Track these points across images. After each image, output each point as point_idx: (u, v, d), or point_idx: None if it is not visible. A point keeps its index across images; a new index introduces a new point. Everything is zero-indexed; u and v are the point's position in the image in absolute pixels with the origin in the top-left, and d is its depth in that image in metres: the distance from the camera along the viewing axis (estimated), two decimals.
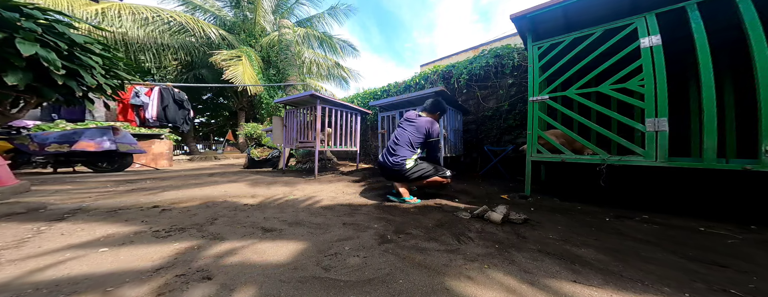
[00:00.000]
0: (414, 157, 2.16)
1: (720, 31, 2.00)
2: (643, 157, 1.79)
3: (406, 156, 2.13)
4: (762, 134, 1.44)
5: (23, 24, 1.82)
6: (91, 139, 4.18)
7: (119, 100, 5.83)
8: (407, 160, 2.12)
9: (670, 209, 1.88)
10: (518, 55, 3.81)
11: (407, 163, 2.11)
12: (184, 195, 2.42)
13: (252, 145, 6.30)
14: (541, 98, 2.28)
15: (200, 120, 18.63)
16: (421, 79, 5.17)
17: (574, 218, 1.67)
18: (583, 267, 1.00)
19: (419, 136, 2.18)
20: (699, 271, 0.97)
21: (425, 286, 0.86)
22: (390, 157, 2.15)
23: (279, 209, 1.89)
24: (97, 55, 2.39)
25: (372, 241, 1.26)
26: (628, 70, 1.88)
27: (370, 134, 6.42)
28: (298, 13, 12.44)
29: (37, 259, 1.04)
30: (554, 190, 2.58)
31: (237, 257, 1.08)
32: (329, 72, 13.33)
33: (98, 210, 1.85)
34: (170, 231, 1.39)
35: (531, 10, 2.21)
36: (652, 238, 1.31)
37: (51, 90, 2.12)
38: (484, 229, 1.43)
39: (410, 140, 2.17)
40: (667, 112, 1.70)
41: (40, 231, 1.39)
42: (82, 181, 3.33)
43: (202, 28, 9.31)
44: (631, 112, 2.41)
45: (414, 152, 2.17)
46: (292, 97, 3.78)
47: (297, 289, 0.84)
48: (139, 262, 1.02)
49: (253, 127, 6.77)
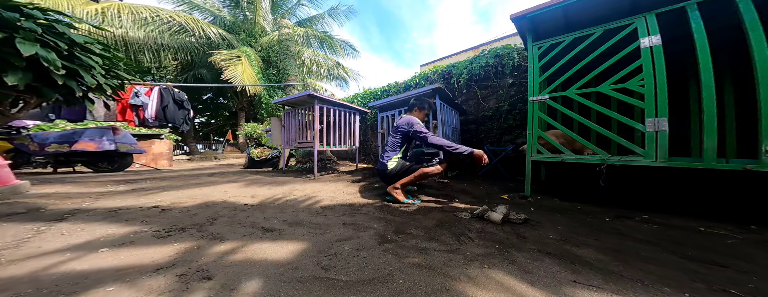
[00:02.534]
0: (395, 157, 2.23)
1: (720, 31, 2.00)
2: (643, 157, 1.79)
3: (390, 157, 2.23)
4: (762, 134, 1.44)
5: (23, 24, 1.82)
6: (91, 139, 4.18)
7: (119, 100, 5.83)
8: (389, 161, 2.21)
9: (670, 209, 1.88)
10: (518, 55, 3.81)
11: (389, 165, 2.20)
12: (184, 195, 2.42)
13: (252, 145, 6.30)
14: (541, 98, 2.28)
15: (200, 120, 18.62)
16: (421, 79, 5.17)
17: (574, 218, 1.67)
18: (583, 267, 1.00)
19: (398, 136, 2.26)
20: (699, 271, 0.97)
21: (425, 286, 0.86)
22: (380, 161, 2.29)
23: (279, 209, 1.89)
24: (97, 55, 2.39)
25: (372, 241, 1.26)
26: (628, 70, 1.88)
27: (370, 134, 6.41)
28: (298, 14, 12.44)
29: (37, 259, 1.04)
30: (554, 190, 2.58)
31: (237, 257, 1.08)
32: (329, 72, 13.32)
33: (98, 210, 1.85)
34: (170, 231, 1.39)
35: (531, 10, 2.21)
36: (652, 238, 1.31)
37: (51, 90, 2.11)
38: (484, 229, 1.43)
39: (392, 142, 2.28)
40: (667, 112, 1.70)
41: (40, 231, 1.39)
42: (82, 181, 3.33)
43: (201, 28, 9.31)
44: (631, 112, 2.40)
45: (396, 153, 2.25)
46: (290, 98, 3.77)
47: (297, 289, 0.84)
48: (139, 262, 1.02)
49: (253, 127, 6.77)
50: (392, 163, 2.20)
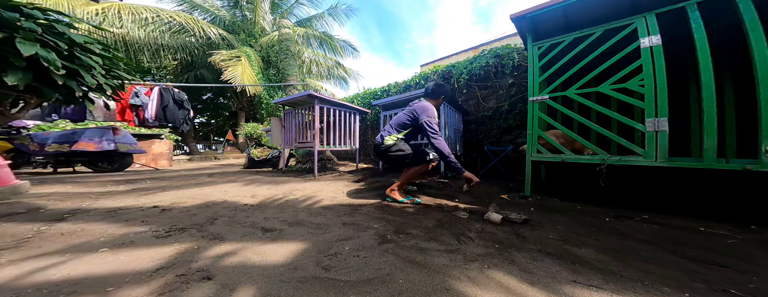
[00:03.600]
0: (394, 135, 2.18)
1: (720, 31, 2.00)
2: (643, 157, 1.79)
3: (390, 133, 2.20)
4: (762, 134, 1.44)
5: (23, 24, 1.82)
6: (91, 139, 4.18)
7: (119, 100, 5.83)
8: (387, 137, 2.17)
9: (670, 209, 1.88)
10: (518, 55, 3.81)
11: (386, 140, 2.16)
12: (184, 195, 2.43)
13: (252, 145, 6.30)
14: (541, 98, 2.28)
15: (200, 120, 18.63)
16: (421, 79, 5.17)
17: (574, 218, 1.67)
18: (583, 267, 1.00)
19: (408, 118, 2.19)
20: (699, 271, 0.97)
21: (425, 286, 0.86)
22: (379, 135, 2.26)
23: (279, 209, 1.89)
24: (97, 55, 2.38)
25: (372, 241, 1.26)
26: (628, 70, 1.88)
27: (370, 134, 6.41)
28: (297, 13, 12.44)
29: (37, 259, 1.04)
30: (554, 190, 2.58)
31: (237, 257, 1.08)
32: (329, 72, 13.32)
33: (98, 210, 1.85)
34: (170, 231, 1.39)
35: (531, 10, 2.21)
36: (652, 238, 1.31)
37: (51, 90, 2.11)
38: (484, 229, 1.43)
39: (398, 121, 2.23)
40: (667, 112, 1.70)
41: (40, 231, 1.39)
42: (82, 181, 3.33)
43: (201, 28, 9.31)
44: (631, 112, 2.40)
45: (398, 132, 2.21)
46: (290, 98, 3.77)
47: (297, 289, 0.84)
48: (139, 262, 1.02)
49: (253, 127, 6.77)
50: (390, 139, 2.15)
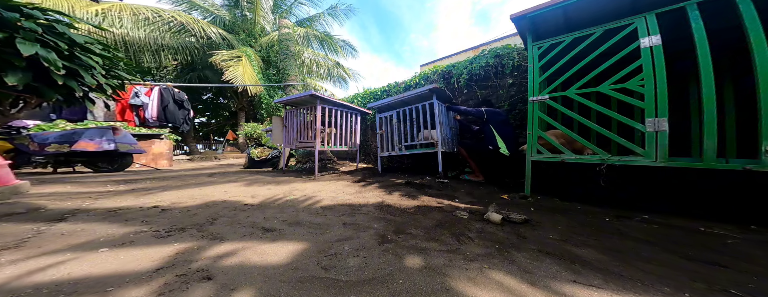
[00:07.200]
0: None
1: (720, 31, 1.99)
2: (643, 157, 1.79)
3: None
4: (762, 134, 1.44)
5: (23, 24, 1.82)
6: (91, 139, 4.18)
7: (119, 100, 5.84)
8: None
9: (670, 209, 1.88)
10: (518, 55, 3.81)
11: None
12: (185, 195, 2.42)
13: (252, 145, 6.31)
14: (541, 98, 2.28)
15: (200, 120, 18.64)
16: (420, 79, 5.17)
17: (574, 218, 1.67)
18: (583, 267, 1.00)
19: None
20: (699, 271, 0.97)
21: (425, 286, 0.86)
22: (493, 145, 2.92)
23: (279, 209, 1.89)
24: (98, 55, 2.39)
25: (372, 241, 1.26)
26: (628, 70, 1.88)
27: (369, 134, 6.41)
28: (297, 13, 12.46)
29: (37, 260, 1.04)
30: (554, 190, 2.58)
31: (237, 257, 1.08)
32: (329, 72, 13.34)
33: (98, 210, 1.85)
34: (170, 231, 1.39)
35: (531, 10, 2.21)
36: (652, 238, 1.31)
37: (51, 90, 2.11)
38: (484, 229, 1.43)
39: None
40: (667, 112, 1.70)
41: (40, 231, 1.39)
42: (82, 181, 3.33)
43: (202, 28, 9.31)
44: (631, 112, 2.40)
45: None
46: (292, 97, 3.77)
47: (297, 289, 0.84)
48: (139, 262, 1.02)
49: (253, 127, 6.78)
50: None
